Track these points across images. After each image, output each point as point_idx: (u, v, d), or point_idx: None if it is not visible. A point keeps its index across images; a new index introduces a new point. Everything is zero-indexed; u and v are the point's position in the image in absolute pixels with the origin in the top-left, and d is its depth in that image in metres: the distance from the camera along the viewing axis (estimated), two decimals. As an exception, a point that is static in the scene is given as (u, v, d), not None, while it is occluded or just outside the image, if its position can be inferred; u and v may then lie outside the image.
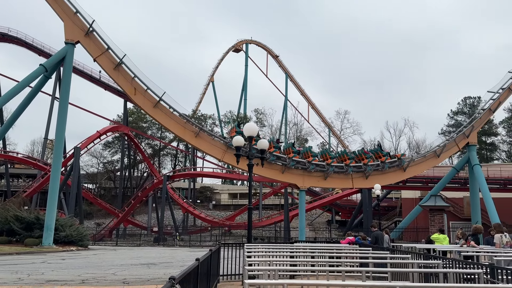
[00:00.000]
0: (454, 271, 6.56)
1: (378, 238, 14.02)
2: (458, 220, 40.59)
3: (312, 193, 55.47)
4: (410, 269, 7.57)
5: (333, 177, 32.29)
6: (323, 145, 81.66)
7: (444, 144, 35.25)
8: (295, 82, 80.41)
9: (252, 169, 13.23)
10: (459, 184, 40.21)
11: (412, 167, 33.97)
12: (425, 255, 9.48)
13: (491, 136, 74.21)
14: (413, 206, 41.92)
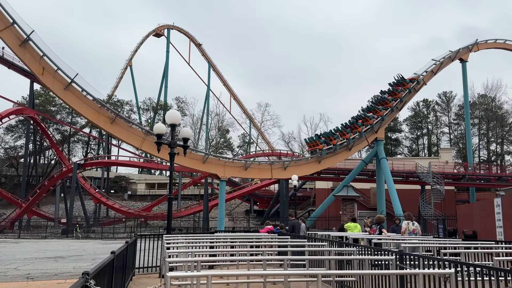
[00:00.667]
0: (369, 258, 6.93)
1: (295, 226, 14.45)
2: (365, 210, 43.65)
3: (232, 183, 55.88)
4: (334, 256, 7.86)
5: (254, 167, 32.77)
6: (244, 136, 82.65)
7: (355, 139, 37.52)
8: (217, 72, 79.97)
9: (173, 158, 12.79)
10: (367, 176, 43.16)
11: (326, 159, 35.64)
12: (341, 243, 9.94)
13: (396, 132, 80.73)
14: (326, 196, 44.16)
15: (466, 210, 25.04)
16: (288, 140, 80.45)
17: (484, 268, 5.46)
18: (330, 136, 35.54)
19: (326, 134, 36.48)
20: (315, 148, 34.58)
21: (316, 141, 35.16)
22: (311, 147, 35.20)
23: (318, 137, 35.91)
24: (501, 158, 71.89)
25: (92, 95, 27.30)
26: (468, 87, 48.58)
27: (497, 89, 73.59)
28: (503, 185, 39.47)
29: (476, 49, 45.24)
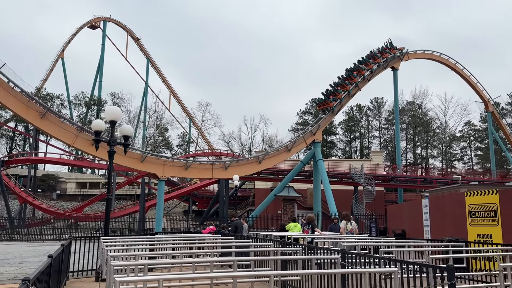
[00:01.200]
0: (316, 257, 7.09)
1: (238, 227, 14.43)
2: (303, 209, 44.84)
3: (170, 183, 54.74)
4: (281, 256, 7.92)
5: (194, 167, 32.35)
6: (183, 135, 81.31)
7: (295, 140, 38.49)
8: (157, 68, 77.95)
9: (113, 156, 12.21)
10: (305, 177, 44.39)
11: (266, 160, 36.19)
12: (286, 243, 10.08)
13: (331, 135, 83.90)
14: (265, 195, 44.74)
15: (395, 210, 26.51)
16: (228, 140, 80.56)
17: (423, 266, 5.83)
18: (335, 92, 40.54)
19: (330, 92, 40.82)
20: (326, 107, 39.93)
21: (325, 101, 40.05)
22: (322, 106, 40.66)
23: (327, 97, 40.33)
24: (426, 161, 77.45)
25: (20, 87, 25.37)
26: (398, 94, 51.72)
27: (423, 97, 79.39)
28: (427, 186, 42.50)
29: (407, 59, 48.32)
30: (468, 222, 12.93)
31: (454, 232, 13.58)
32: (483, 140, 76.73)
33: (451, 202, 14.89)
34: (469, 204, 13.00)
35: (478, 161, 79.85)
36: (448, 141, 79.20)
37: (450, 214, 14.68)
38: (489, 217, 11.99)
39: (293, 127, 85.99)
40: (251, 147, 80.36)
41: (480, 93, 55.99)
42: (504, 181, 47.12)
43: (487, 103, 56.40)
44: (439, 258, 7.91)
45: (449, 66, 53.35)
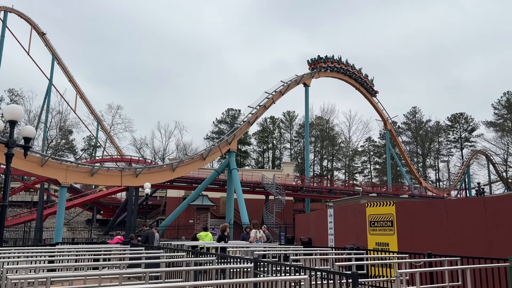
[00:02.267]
0: (230, 267, 7.14)
1: (149, 236, 13.97)
2: (215, 218, 44.81)
3: (73, 190, 51.07)
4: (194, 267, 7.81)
5: (101, 173, 30.62)
6: (90, 139, 76.60)
7: (210, 149, 38.45)
8: (63, 66, 72.54)
9: (11, 159, 11.11)
10: (219, 186, 44.45)
11: (180, 168, 35.59)
12: (198, 253, 9.99)
13: (246, 145, 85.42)
14: (177, 204, 43.88)
15: (303, 219, 27.68)
16: (140, 146, 77.73)
17: (331, 273, 6.20)
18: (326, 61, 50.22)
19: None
20: (317, 66, 49.79)
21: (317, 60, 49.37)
22: (312, 65, 49.35)
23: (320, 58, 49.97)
24: (331, 173, 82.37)
25: None
26: (309, 109, 54.47)
27: (331, 113, 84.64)
28: (332, 197, 45.24)
29: (317, 76, 51.21)
30: (368, 231, 14.00)
31: (356, 241, 14.61)
32: (381, 155, 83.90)
33: (353, 212, 15.99)
34: (369, 214, 14.10)
35: (377, 174, 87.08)
36: (351, 155, 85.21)
37: (353, 224, 15.76)
38: (387, 226, 13.12)
39: (209, 135, 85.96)
40: (165, 154, 78.48)
41: (380, 112, 61.29)
42: (398, 193, 51.95)
43: (386, 121, 61.91)
44: (344, 265, 8.45)
45: (353, 85, 57.63)
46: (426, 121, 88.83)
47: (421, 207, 12.47)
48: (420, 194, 54.62)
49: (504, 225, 9.64)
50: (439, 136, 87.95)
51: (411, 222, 12.33)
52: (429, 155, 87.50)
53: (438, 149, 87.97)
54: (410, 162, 67.58)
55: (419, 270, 6.88)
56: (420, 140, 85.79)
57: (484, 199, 10.86)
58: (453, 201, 13.26)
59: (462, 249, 9.93)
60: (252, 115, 41.77)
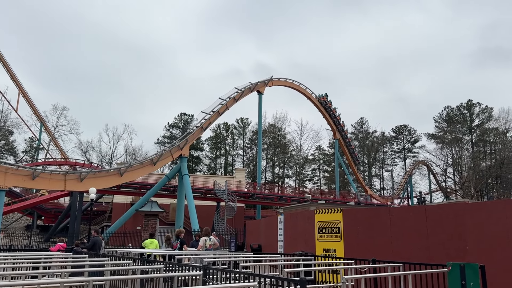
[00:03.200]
0: (179, 275, 7.00)
1: (97, 243, 13.42)
2: (164, 225, 43.83)
3: (12, 194, 48.02)
4: (140, 275, 7.56)
5: (44, 177, 29.06)
6: (32, 140, 72.56)
7: (161, 154, 37.69)
8: (4, 63, 68.38)
9: None
10: (169, 191, 43.62)
11: (129, 172, 34.56)
12: (145, 260, 9.71)
13: (198, 150, 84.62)
14: (124, 210, 42.51)
15: (253, 225, 27.76)
16: (86, 149, 74.76)
17: (279, 279, 6.25)
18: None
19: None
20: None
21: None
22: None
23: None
24: (282, 180, 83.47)
25: None
26: (262, 116, 55.04)
27: (283, 121, 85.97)
28: (282, 203, 45.80)
29: (271, 84, 51.91)
30: (316, 237, 14.29)
31: (305, 247, 14.85)
32: (330, 164, 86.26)
33: (303, 218, 16.26)
34: (318, 221, 14.40)
35: (326, 182, 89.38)
36: (301, 163, 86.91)
37: (302, 230, 16.02)
38: (334, 233, 13.46)
39: (160, 140, 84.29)
40: (112, 158, 75.88)
41: (329, 122, 63.10)
42: (345, 200, 53.58)
43: (335, 131, 63.80)
44: (292, 271, 8.55)
45: (305, 95, 59.01)
46: (373, 131, 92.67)
47: (366, 215, 12.92)
48: (365, 202, 56.67)
49: (443, 232, 10.21)
50: (384, 146, 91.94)
51: (357, 229, 12.73)
52: (375, 164, 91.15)
53: (383, 158, 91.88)
54: (357, 171, 70.00)
55: (364, 276, 7.10)
56: (367, 150, 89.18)
57: (425, 207, 11.45)
58: (396, 209, 13.87)
59: (404, 255, 10.39)
60: (206, 120, 41.50)
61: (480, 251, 9.29)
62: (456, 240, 9.87)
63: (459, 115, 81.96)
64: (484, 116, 79.79)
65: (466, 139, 77.07)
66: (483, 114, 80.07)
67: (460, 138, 73.42)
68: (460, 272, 6.77)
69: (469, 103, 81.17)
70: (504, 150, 67.46)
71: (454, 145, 69.35)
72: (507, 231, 8.91)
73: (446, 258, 8.90)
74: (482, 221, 9.49)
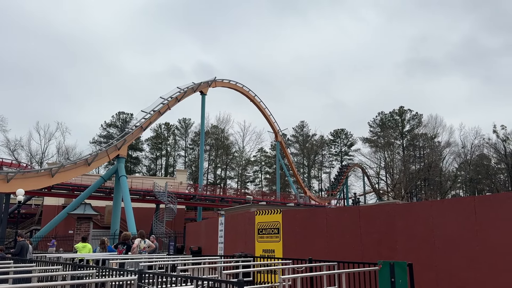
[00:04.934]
0: (112, 280, 6.70)
1: (24, 248, 12.53)
2: (99, 228, 41.96)
3: None
4: (71, 281, 7.13)
5: (-37, 177, 26.66)
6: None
7: (96, 154, 36.08)
8: None
9: None
10: (105, 194, 41.84)
11: (61, 173, 32.69)
12: (77, 265, 9.20)
13: (137, 151, 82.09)
14: (56, 213, 40.20)
15: (194, 227, 27.49)
16: (14, 148, 69.61)
17: (216, 281, 6.20)
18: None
19: None
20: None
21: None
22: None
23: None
24: (224, 182, 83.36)
25: None
26: (205, 117, 54.59)
27: (226, 122, 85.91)
28: (224, 205, 45.68)
29: (214, 85, 51.70)
30: (256, 238, 14.41)
31: (244, 248, 14.92)
32: (272, 165, 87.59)
33: (243, 220, 16.34)
34: (258, 222, 14.53)
35: (267, 183, 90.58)
36: (244, 164, 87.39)
37: (242, 231, 16.08)
38: (273, 234, 13.65)
39: (96, 139, 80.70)
40: (43, 158, 71.32)
41: (272, 125, 64.09)
42: (286, 202, 54.64)
43: (277, 133, 64.92)
44: (231, 273, 8.54)
45: (248, 97, 59.47)
46: (312, 135, 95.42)
47: (304, 215, 13.24)
48: (305, 203, 58.15)
49: (376, 232, 10.71)
50: (323, 149, 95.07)
51: (296, 229, 13.01)
52: (314, 166, 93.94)
53: (321, 161, 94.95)
54: (297, 172, 71.74)
55: (300, 276, 7.25)
56: (307, 152, 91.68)
57: (359, 208, 11.95)
58: (332, 210, 14.35)
59: (340, 254, 10.76)
60: (146, 120, 40.40)
61: (408, 249, 9.86)
62: (388, 239, 10.40)
63: (392, 120, 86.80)
64: (414, 122, 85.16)
65: (398, 143, 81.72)
66: (413, 120, 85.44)
67: (392, 142, 77.71)
68: (390, 269, 7.13)
69: (401, 109, 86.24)
70: (432, 154, 72.40)
71: (387, 149, 73.30)
72: (433, 230, 9.54)
73: (378, 257, 9.34)
74: (411, 221, 10.08)
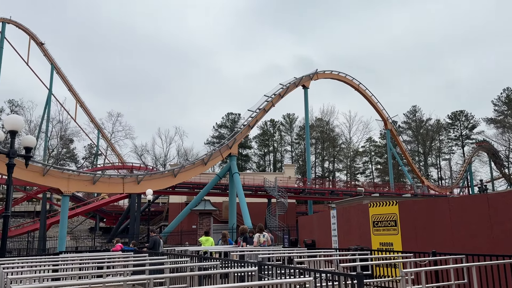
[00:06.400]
0: (235, 271, 7.13)
1: (156, 242, 14.00)
2: (218, 223, 44.72)
3: (75, 199, 51.07)
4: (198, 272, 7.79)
5: (103, 181, 30.62)
6: (91, 147, 76.69)
7: (211, 153, 38.46)
8: (62, 75, 72.76)
9: (12, 170, 11.11)
10: (220, 190, 44.43)
11: (182, 173, 35.58)
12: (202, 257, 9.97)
13: (246, 148, 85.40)
14: (179, 210, 43.83)
15: (306, 221, 27.63)
16: (141, 153, 77.82)
17: (335, 274, 6.18)
18: None
19: None
20: None
21: None
22: None
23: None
24: (333, 175, 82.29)
25: None
26: (308, 110, 54.47)
27: (330, 114, 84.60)
28: (334, 198, 45.12)
29: (316, 78, 51.25)
30: (372, 231, 13.96)
31: (359, 241, 14.56)
32: (383, 155, 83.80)
33: (356, 212, 15.95)
34: (373, 214, 14.06)
35: (378, 174, 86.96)
36: (352, 156, 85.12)
37: (356, 224, 15.71)
38: (390, 226, 13.09)
39: (209, 140, 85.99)
40: (166, 160, 78.47)
41: (380, 112, 61.27)
42: (401, 192, 51.82)
43: (386, 121, 61.88)
44: (348, 266, 8.42)
45: (353, 86, 57.65)
46: (426, 119, 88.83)
47: (424, 206, 12.44)
48: (422, 193, 54.49)
49: (508, 221, 9.61)
50: (440, 134, 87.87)
51: (415, 221, 12.29)
52: (431, 153, 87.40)
53: (439, 147, 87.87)
54: (411, 161, 67.50)
55: (424, 269, 6.85)
56: (421, 139, 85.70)
57: (487, 195, 10.83)
58: (456, 199, 13.23)
59: (466, 247, 9.90)
60: (252, 118, 41.80)
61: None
62: (524, 229, 9.25)
63: (521, 96, 76.68)
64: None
65: (530, 121, 71.92)
66: (548, 93, 74.38)
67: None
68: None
69: (532, 83, 75.63)
70: None
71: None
72: None
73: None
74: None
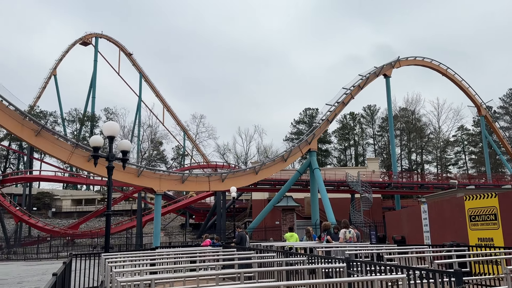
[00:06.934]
0: (322, 267, 7.08)
1: (243, 238, 14.42)
2: (301, 219, 44.72)
3: (166, 197, 54.45)
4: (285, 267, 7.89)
5: (191, 180, 32.23)
6: (178, 148, 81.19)
7: (291, 150, 38.53)
8: (149, 82, 78.06)
9: (112, 172, 12.17)
10: (302, 186, 44.34)
11: (263, 170, 36.15)
12: (288, 253, 10.04)
13: (326, 143, 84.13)
14: (262, 206, 44.61)
15: (394, 216, 26.48)
16: (223, 151, 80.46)
17: (430, 271, 5.83)
18: None
19: None
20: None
21: None
22: None
23: None
24: (421, 167, 77.71)
25: (14, 105, 25.25)
26: (391, 100, 52.05)
27: (416, 103, 79.93)
28: (424, 192, 42.63)
29: (398, 66, 48.78)
30: (469, 226, 12.97)
31: (454, 237, 13.59)
32: (477, 144, 77.27)
33: (450, 206, 14.93)
34: (469, 208, 13.05)
35: (473, 165, 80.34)
36: (442, 146, 79.63)
37: (450, 219, 14.71)
38: (489, 220, 12.04)
39: (288, 137, 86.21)
40: (247, 158, 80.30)
41: (472, 98, 56.56)
42: (500, 184, 47.40)
43: (479, 107, 56.96)
44: (444, 263, 7.92)
45: (440, 71, 53.90)
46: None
47: (529, 198, 11.25)
48: (526, 184, 49.27)
49: None
50: (546, 118, 78.69)
51: (519, 214, 11.17)
52: (534, 140, 78.61)
53: (545, 132, 78.67)
54: (511, 149, 61.34)
55: (533, 267, 6.18)
56: (522, 124, 77.50)
57: None
58: None
59: None
60: (331, 112, 41.08)
61: None
62: None
63: None
64: None
65: None
66: None
67: None
68: None
69: None
70: None
71: None
72: None
73: None
74: None
